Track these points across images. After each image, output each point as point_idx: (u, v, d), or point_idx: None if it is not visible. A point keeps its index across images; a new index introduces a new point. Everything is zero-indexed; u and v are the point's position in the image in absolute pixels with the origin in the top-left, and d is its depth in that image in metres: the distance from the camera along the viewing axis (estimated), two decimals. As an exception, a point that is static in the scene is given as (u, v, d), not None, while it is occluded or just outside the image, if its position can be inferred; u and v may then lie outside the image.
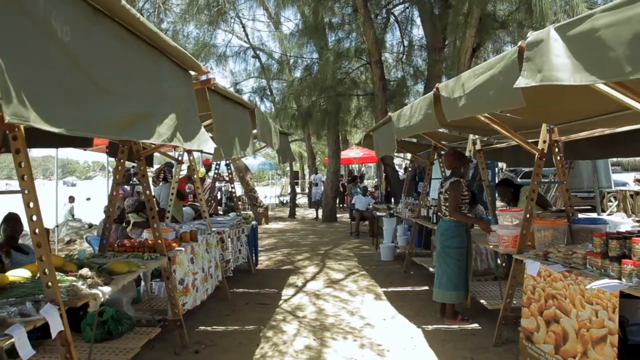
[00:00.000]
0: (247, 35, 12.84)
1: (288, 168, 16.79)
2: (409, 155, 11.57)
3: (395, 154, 10.08)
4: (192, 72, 2.08)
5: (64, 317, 1.98)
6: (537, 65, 1.84)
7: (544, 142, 3.48)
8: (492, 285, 4.49)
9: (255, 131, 3.57)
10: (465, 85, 2.65)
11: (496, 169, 9.04)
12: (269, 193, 19.91)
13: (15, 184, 5.65)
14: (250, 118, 3.24)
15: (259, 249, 8.17)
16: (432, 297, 4.72)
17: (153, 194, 6.51)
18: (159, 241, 3.38)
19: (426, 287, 5.25)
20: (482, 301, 3.97)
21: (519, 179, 12.49)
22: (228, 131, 2.57)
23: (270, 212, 15.62)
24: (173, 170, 5.72)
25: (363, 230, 10.01)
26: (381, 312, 4.39)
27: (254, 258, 6.46)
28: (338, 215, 13.10)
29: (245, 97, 13.72)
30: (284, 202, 18.34)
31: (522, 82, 1.89)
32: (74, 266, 2.68)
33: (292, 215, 14.05)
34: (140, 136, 1.69)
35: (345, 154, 16.99)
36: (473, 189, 8.78)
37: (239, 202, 15.07)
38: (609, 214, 8.97)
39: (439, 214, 5.16)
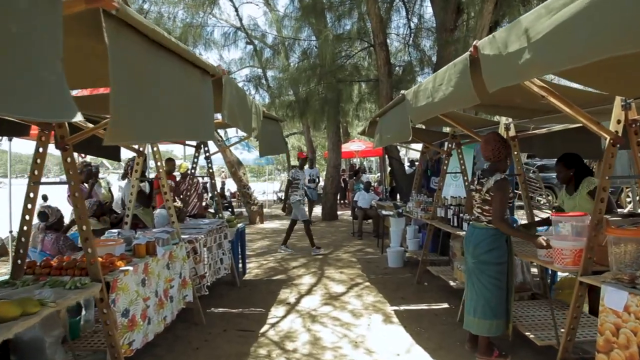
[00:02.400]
0: (240, 19, 11.84)
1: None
2: (413, 146, 10.64)
3: (401, 144, 9.14)
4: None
5: None
6: None
7: (618, 122, 2.54)
8: (534, 307, 3.55)
9: (224, 113, 2.61)
10: (532, 30, 1.70)
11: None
12: (268, 189, 18.98)
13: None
14: (211, 89, 2.30)
15: (249, 253, 7.27)
16: (457, 319, 3.81)
17: (120, 193, 5.56)
18: (92, 261, 2.45)
19: (445, 305, 4.33)
20: (527, 333, 3.03)
21: (531, 174, 11.50)
22: (147, 99, 1.61)
23: (267, 210, 14.72)
24: (139, 165, 4.81)
25: (366, 230, 9.09)
26: (393, 342, 3.47)
27: (240, 267, 5.54)
28: (339, 213, 12.16)
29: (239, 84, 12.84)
30: (282, 197, 17.39)
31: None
32: None
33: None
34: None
35: (347, 147, 16.03)
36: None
37: (233, 200, 14.17)
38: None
39: (463, 215, 4.24)
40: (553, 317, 3.07)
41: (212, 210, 11.64)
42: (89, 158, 7.63)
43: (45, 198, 11.22)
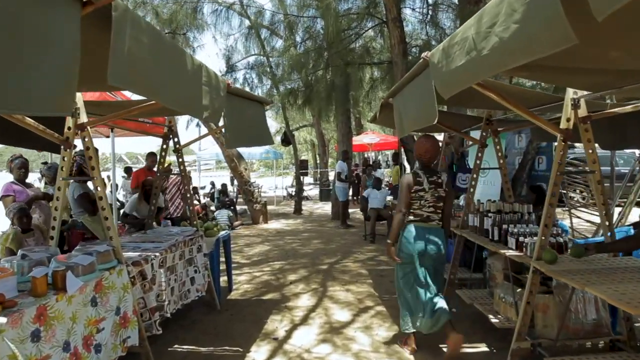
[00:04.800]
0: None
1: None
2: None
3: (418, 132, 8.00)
4: None
5: None
6: None
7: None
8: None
9: (118, 72, 1.58)
10: None
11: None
12: (280, 184, 18.02)
13: None
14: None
15: (243, 261, 6.29)
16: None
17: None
18: None
19: (484, 348, 3.24)
20: None
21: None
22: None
23: (275, 207, 13.75)
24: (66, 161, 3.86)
25: (381, 232, 8.01)
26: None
27: (217, 286, 4.53)
28: (351, 211, 11.00)
29: (240, 74, 11.75)
30: (292, 194, 16.36)
31: None
32: None
33: (297, 211, 12.11)
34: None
35: (359, 139, 14.90)
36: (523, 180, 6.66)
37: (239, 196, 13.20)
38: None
39: (508, 227, 3.15)
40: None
41: (213, 209, 10.77)
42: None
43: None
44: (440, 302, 3.02)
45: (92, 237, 3.69)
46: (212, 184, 14.16)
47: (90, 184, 3.81)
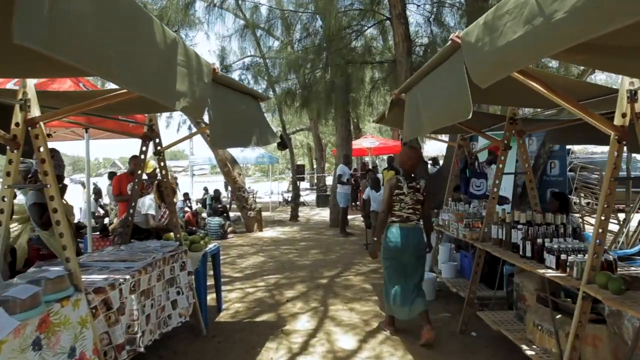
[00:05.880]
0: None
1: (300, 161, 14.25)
2: (430, 143, 9.02)
3: (424, 137, 7.53)
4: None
5: None
6: None
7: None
8: None
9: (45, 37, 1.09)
10: None
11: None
12: (275, 189, 17.48)
13: None
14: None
15: (235, 275, 5.77)
16: None
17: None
18: None
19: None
20: None
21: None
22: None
23: (270, 213, 13.22)
24: (14, 163, 3.37)
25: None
26: None
27: (203, 307, 4.01)
28: (350, 217, 10.50)
29: (235, 75, 11.24)
30: (288, 199, 15.82)
31: None
32: None
33: (294, 218, 11.59)
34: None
35: (358, 143, 14.44)
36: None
37: (231, 203, 12.67)
38: None
39: (549, 241, 2.67)
40: None
41: (205, 215, 10.21)
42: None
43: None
44: (418, 294, 3.45)
45: (49, 255, 3.15)
46: (206, 189, 13.59)
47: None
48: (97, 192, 9.82)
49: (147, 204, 4.50)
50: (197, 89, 1.86)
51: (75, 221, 6.09)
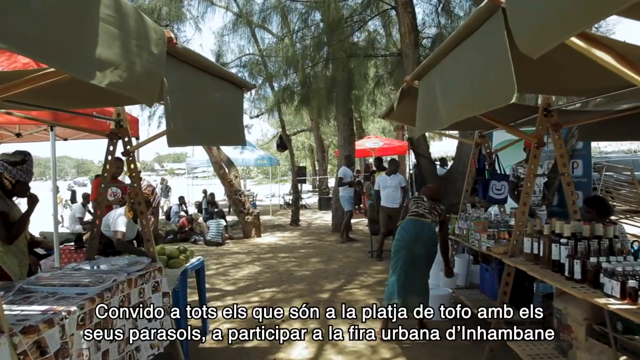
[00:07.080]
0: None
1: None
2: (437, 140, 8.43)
3: (433, 135, 6.94)
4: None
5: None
6: None
7: None
8: None
9: None
10: None
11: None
12: (277, 192, 16.91)
13: None
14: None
15: (227, 288, 5.23)
16: None
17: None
18: None
19: None
20: None
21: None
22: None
23: (270, 217, 12.67)
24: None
25: (388, 247, 6.94)
26: None
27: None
28: (353, 221, 9.91)
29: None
30: (289, 202, 15.27)
31: None
32: None
33: (294, 222, 11.04)
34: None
35: (361, 144, 13.86)
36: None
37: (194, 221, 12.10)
38: None
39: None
40: None
41: (200, 220, 9.65)
42: None
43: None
44: (418, 292, 3.52)
45: (5, 278, 2.60)
46: (205, 192, 13.06)
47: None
48: (86, 197, 9.33)
49: (117, 220, 3.59)
50: (137, 59, 1.32)
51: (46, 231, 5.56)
